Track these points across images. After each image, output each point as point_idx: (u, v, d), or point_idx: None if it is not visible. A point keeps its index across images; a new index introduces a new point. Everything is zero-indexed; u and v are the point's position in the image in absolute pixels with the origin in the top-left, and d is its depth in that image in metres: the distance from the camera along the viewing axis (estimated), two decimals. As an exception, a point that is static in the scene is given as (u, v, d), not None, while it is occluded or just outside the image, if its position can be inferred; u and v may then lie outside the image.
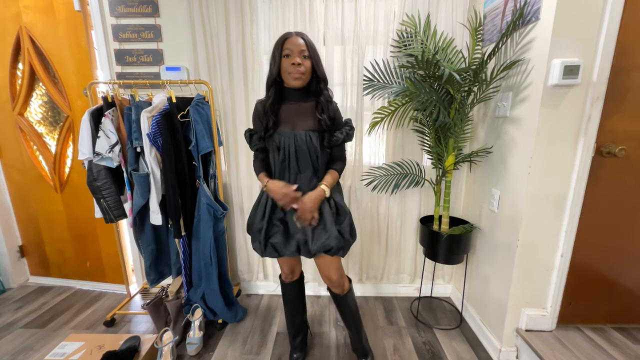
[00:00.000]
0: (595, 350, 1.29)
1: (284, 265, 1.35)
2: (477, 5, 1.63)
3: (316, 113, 1.16)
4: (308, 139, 1.15)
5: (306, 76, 1.13)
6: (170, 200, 1.52)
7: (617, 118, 1.23)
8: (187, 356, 1.51)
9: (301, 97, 1.18)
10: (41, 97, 1.91)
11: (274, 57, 1.13)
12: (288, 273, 1.37)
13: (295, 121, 1.17)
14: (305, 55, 1.10)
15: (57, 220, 2.06)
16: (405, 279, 2.02)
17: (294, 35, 1.11)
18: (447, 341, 1.61)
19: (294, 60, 1.09)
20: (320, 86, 1.16)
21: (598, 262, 1.38)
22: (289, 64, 1.10)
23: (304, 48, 1.10)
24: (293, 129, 1.16)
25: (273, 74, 1.14)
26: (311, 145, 1.15)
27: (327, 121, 1.15)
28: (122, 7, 1.71)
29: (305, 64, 1.10)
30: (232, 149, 1.84)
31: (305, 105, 1.18)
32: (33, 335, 1.66)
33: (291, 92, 1.18)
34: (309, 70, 1.13)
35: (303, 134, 1.14)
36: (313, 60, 1.12)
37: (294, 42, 1.09)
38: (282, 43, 1.11)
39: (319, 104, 1.16)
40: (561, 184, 1.29)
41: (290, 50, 1.09)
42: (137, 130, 1.47)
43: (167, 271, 1.81)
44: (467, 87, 1.42)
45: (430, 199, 1.86)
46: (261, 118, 1.18)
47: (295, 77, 1.11)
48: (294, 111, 1.18)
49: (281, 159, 1.17)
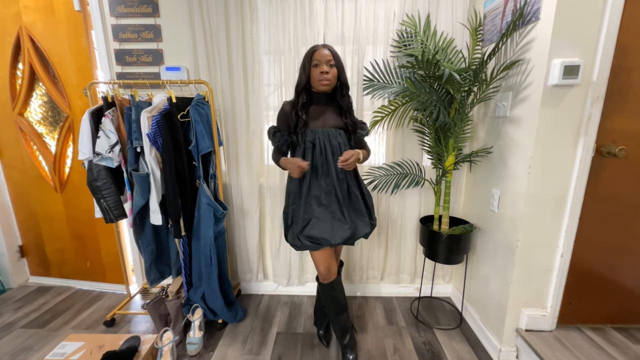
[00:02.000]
0: (595, 350, 1.29)
1: (320, 264, 1.35)
2: (477, 5, 1.63)
3: (342, 116, 1.35)
4: (338, 135, 1.32)
5: (332, 82, 1.28)
6: (170, 200, 1.52)
7: (617, 118, 1.23)
8: (187, 356, 1.51)
9: (327, 100, 1.35)
10: (41, 97, 1.91)
11: (304, 66, 1.28)
12: (325, 273, 1.36)
13: (325, 120, 1.33)
14: (331, 64, 1.26)
15: (57, 220, 2.06)
16: (405, 279, 2.02)
17: (321, 47, 1.27)
18: (447, 341, 1.61)
19: (322, 69, 1.24)
20: (343, 92, 1.33)
21: (598, 262, 1.38)
22: (318, 72, 1.26)
23: (330, 58, 1.26)
24: (324, 126, 1.32)
25: (303, 81, 1.29)
26: (341, 140, 1.33)
27: (350, 124, 1.35)
28: (122, 7, 1.71)
29: (332, 72, 1.26)
30: (232, 149, 1.84)
31: (330, 108, 1.36)
32: (33, 335, 1.66)
33: (318, 96, 1.33)
34: (335, 77, 1.28)
35: (334, 131, 1.32)
36: (338, 68, 1.28)
37: (322, 53, 1.25)
38: (311, 54, 1.27)
39: (342, 108, 1.35)
40: (561, 184, 1.29)
41: (319, 60, 1.25)
42: (137, 130, 1.47)
43: (167, 271, 1.81)
44: (467, 87, 1.42)
45: (430, 199, 1.86)
46: (288, 117, 1.32)
47: (324, 84, 1.27)
48: (322, 111, 1.34)
49: (318, 152, 1.30)
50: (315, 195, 1.30)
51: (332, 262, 1.37)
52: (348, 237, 1.29)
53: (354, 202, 1.35)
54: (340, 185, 1.31)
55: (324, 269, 1.35)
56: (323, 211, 1.30)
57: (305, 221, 1.31)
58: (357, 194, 1.35)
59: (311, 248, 1.30)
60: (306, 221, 1.31)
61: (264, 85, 1.78)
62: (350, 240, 1.33)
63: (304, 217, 1.31)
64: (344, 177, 1.33)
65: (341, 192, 1.31)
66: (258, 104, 1.79)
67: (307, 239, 1.29)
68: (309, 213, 1.31)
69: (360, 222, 1.35)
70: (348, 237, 1.29)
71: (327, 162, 1.30)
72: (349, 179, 1.35)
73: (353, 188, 1.35)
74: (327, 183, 1.30)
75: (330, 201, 1.30)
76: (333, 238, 1.27)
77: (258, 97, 1.78)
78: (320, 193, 1.30)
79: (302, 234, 1.30)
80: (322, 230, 1.28)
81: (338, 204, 1.30)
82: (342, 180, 1.32)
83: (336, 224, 1.29)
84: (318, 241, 1.28)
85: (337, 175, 1.31)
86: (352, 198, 1.35)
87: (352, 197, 1.35)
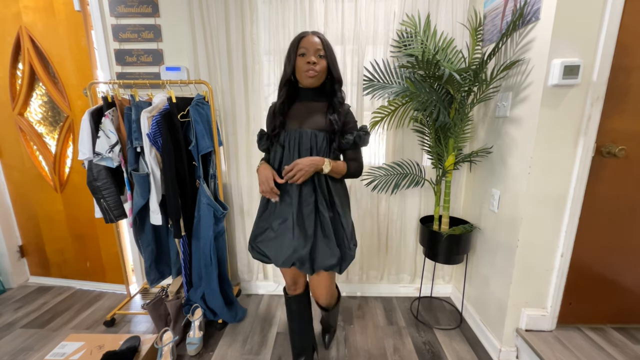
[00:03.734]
0: (595, 350, 1.29)
1: (285, 275, 1.26)
2: (477, 5, 1.63)
3: (327, 113, 1.12)
4: (313, 137, 1.11)
5: (321, 75, 1.10)
6: (170, 200, 1.52)
7: (617, 118, 1.23)
8: (187, 356, 1.51)
9: (314, 96, 1.15)
10: (41, 97, 1.91)
11: (289, 56, 1.10)
12: (290, 284, 1.28)
13: (303, 119, 1.13)
14: (321, 54, 1.08)
15: (57, 220, 2.06)
16: (405, 279, 2.02)
17: (310, 34, 1.08)
18: (447, 341, 1.61)
19: (309, 59, 1.06)
20: (334, 87, 1.13)
21: (598, 262, 1.38)
22: (304, 63, 1.07)
23: (320, 47, 1.07)
24: (300, 127, 1.12)
25: (287, 73, 1.11)
26: (315, 143, 1.11)
27: (337, 122, 1.11)
28: (122, 7, 1.71)
29: (320, 63, 1.08)
30: (232, 149, 1.84)
31: (316, 105, 1.15)
32: (33, 335, 1.66)
33: (305, 92, 1.15)
34: (324, 70, 1.10)
35: (309, 132, 1.10)
36: (329, 60, 1.09)
37: (310, 41, 1.07)
38: (298, 42, 1.08)
39: (331, 104, 1.13)
40: (561, 184, 1.28)
41: (306, 48, 1.07)
42: (137, 130, 1.47)
43: (167, 271, 1.81)
44: (467, 87, 1.42)
45: (430, 199, 1.86)
46: (271, 119, 1.18)
47: (309, 76, 1.07)
48: (304, 109, 1.15)
49: (286, 156, 1.12)
50: (276, 203, 1.14)
51: (299, 274, 1.25)
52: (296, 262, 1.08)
53: (324, 225, 1.10)
54: (303, 199, 1.09)
55: (289, 279, 1.26)
56: (277, 225, 1.12)
57: (259, 230, 1.17)
58: (326, 216, 1.09)
59: (260, 260, 1.18)
60: (260, 230, 1.17)
61: (264, 85, 1.78)
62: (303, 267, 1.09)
63: (260, 224, 1.17)
64: (311, 192, 1.10)
65: (300, 208, 1.09)
66: (258, 104, 1.79)
67: (258, 252, 1.16)
68: (265, 221, 1.16)
69: (324, 249, 1.09)
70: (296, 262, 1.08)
71: None
72: (318, 195, 1.11)
73: (322, 207, 1.10)
74: (289, 193, 1.11)
75: (286, 215, 1.11)
76: (276, 258, 1.11)
77: (258, 97, 1.78)
78: (280, 203, 1.12)
79: (255, 242, 1.17)
80: (269, 246, 1.13)
81: (293, 221, 1.09)
82: (308, 194, 1.10)
83: (285, 243, 1.09)
84: (267, 257, 1.15)
85: (302, 187, 1.09)
86: (320, 219, 1.11)
87: (321, 219, 1.10)
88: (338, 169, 1.13)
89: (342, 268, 1.12)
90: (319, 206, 1.10)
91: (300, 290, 1.30)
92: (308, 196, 1.10)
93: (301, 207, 1.10)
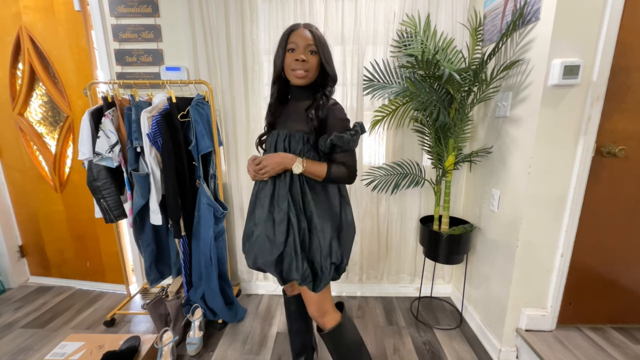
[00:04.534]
0: (595, 350, 1.29)
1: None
2: (477, 5, 1.63)
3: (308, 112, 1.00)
4: (286, 140, 1.00)
5: (311, 74, 0.99)
6: (170, 200, 1.52)
7: (617, 118, 1.23)
8: (187, 356, 1.51)
9: (305, 95, 1.04)
10: (41, 97, 1.91)
11: (278, 51, 1.00)
12: (287, 285, 1.24)
13: (288, 120, 1.05)
14: (312, 50, 0.96)
15: (57, 220, 2.06)
16: (405, 279, 2.02)
17: (301, 27, 0.97)
18: (447, 341, 1.61)
19: (298, 56, 0.95)
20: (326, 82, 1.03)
21: (598, 262, 1.38)
22: (292, 60, 0.96)
23: (311, 42, 0.96)
24: (283, 128, 1.04)
25: (277, 70, 1.02)
26: (288, 145, 1.00)
27: (315, 121, 0.97)
28: (122, 7, 1.71)
29: (311, 61, 0.97)
30: (232, 149, 1.84)
31: (302, 104, 1.03)
32: (33, 335, 1.66)
33: (295, 90, 1.06)
34: (315, 68, 0.98)
35: (283, 134, 1.01)
36: (322, 57, 0.98)
37: (301, 35, 0.96)
38: (287, 36, 0.98)
39: (314, 101, 1.01)
40: (561, 184, 1.28)
41: (296, 44, 0.96)
42: (137, 130, 1.47)
43: (167, 271, 1.81)
44: (467, 87, 1.42)
45: (430, 199, 1.86)
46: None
47: (298, 76, 0.97)
48: (292, 110, 1.06)
49: None
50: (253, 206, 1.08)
51: None
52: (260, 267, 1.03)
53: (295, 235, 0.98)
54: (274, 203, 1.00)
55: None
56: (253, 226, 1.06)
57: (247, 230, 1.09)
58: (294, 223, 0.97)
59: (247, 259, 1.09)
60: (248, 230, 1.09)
61: (264, 85, 1.78)
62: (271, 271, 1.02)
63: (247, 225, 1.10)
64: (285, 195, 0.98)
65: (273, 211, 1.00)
66: (258, 104, 1.79)
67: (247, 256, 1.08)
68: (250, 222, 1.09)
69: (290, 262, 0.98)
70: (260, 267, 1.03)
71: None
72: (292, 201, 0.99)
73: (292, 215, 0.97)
74: (262, 196, 1.03)
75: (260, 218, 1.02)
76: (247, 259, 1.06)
77: (258, 97, 1.78)
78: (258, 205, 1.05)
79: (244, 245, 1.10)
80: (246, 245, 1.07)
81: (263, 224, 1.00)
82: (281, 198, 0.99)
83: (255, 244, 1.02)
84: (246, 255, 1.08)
85: (275, 191, 1.00)
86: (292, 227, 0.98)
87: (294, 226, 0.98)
88: (313, 171, 0.97)
89: (314, 286, 1.00)
90: (289, 213, 0.98)
91: (298, 291, 1.27)
92: (281, 201, 0.99)
93: (272, 211, 1.00)
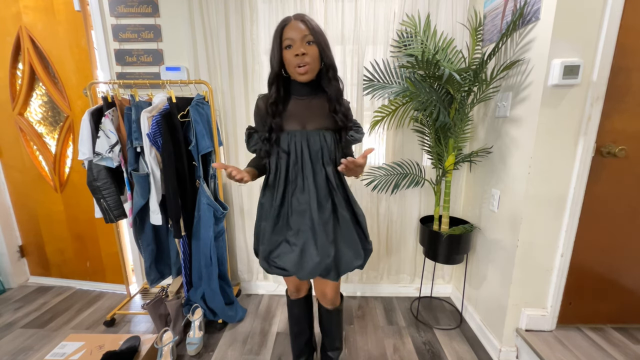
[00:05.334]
0: (595, 350, 1.29)
1: (289, 282, 1.24)
2: (477, 5, 1.63)
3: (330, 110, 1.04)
4: (322, 139, 1.01)
5: (313, 66, 0.97)
6: (170, 200, 1.52)
7: (617, 118, 1.23)
8: (187, 356, 1.51)
9: (310, 91, 1.04)
10: (41, 97, 1.91)
11: (273, 50, 0.98)
12: (293, 291, 1.26)
13: (305, 119, 1.03)
14: (309, 41, 0.94)
15: (57, 220, 2.06)
16: (405, 279, 2.02)
17: (292, 20, 0.95)
18: (447, 341, 1.61)
19: (297, 50, 0.93)
20: (329, 75, 1.01)
21: (598, 262, 1.38)
22: (292, 56, 0.94)
23: (307, 33, 0.94)
24: (303, 128, 1.03)
25: (274, 69, 0.99)
26: (325, 144, 1.02)
27: (342, 119, 1.03)
28: (122, 7, 1.71)
29: (311, 52, 0.95)
30: (232, 149, 1.84)
31: (316, 101, 1.04)
32: (33, 335, 1.66)
33: (298, 86, 1.03)
34: (317, 59, 0.97)
35: (316, 133, 1.01)
36: (319, 46, 0.96)
37: (295, 28, 0.93)
38: (280, 31, 0.95)
39: (330, 99, 1.03)
40: (561, 184, 1.28)
41: (292, 39, 0.94)
42: (137, 130, 1.47)
43: (167, 271, 1.81)
44: (467, 87, 1.42)
45: (430, 199, 1.86)
46: (263, 117, 1.05)
47: (301, 72, 0.96)
48: (304, 107, 1.04)
49: (292, 162, 1.02)
50: (287, 214, 1.05)
51: (303, 283, 1.24)
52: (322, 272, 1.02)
53: (343, 227, 1.05)
54: (319, 204, 1.02)
55: (293, 287, 1.24)
56: (292, 237, 1.04)
57: (273, 244, 1.07)
58: (346, 216, 1.05)
59: (280, 274, 1.08)
60: (274, 244, 1.07)
61: (264, 86, 1.77)
62: (328, 275, 1.03)
63: (272, 239, 1.07)
64: (327, 194, 1.03)
65: (320, 213, 1.02)
66: (258, 104, 1.79)
67: (276, 267, 1.07)
68: (278, 235, 1.06)
69: (348, 253, 1.06)
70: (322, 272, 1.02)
71: (303, 175, 1.02)
72: (335, 197, 1.05)
73: (341, 208, 1.05)
74: (301, 201, 1.02)
75: (303, 225, 1.02)
76: (300, 272, 1.02)
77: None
78: (292, 213, 1.04)
79: (270, 258, 1.07)
80: (287, 260, 1.04)
81: (312, 230, 1.01)
82: (324, 198, 1.03)
83: (307, 254, 1.02)
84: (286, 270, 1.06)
85: (318, 192, 1.02)
86: (339, 221, 1.06)
87: (340, 220, 1.05)
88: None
89: (363, 265, 1.11)
90: (339, 208, 1.05)
91: (303, 294, 1.29)
92: (325, 201, 1.03)
93: (321, 213, 1.02)
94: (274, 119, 1.02)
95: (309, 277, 1.03)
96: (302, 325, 1.34)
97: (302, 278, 1.04)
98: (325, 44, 0.98)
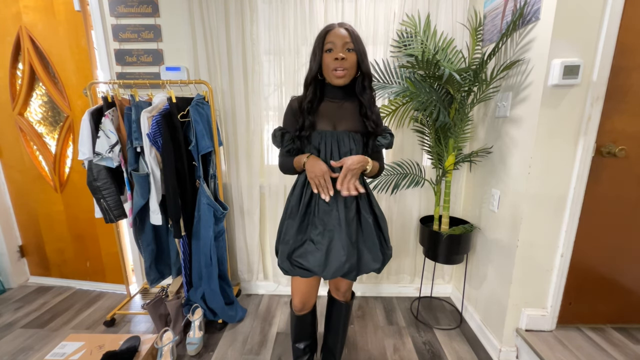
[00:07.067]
0: (595, 350, 1.29)
1: (296, 294, 1.19)
2: (477, 5, 1.63)
3: (360, 115, 1.07)
4: (352, 139, 1.05)
5: (350, 72, 1.02)
6: (170, 200, 1.52)
7: (617, 118, 1.23)
8: (187, 356, 1.51)
9: (343, 95, 1.08)
10: (41, 97, 1.91)
11: (315, 52, 1.02)
12: (299, 306, 1.19)
13: (335, 120, 1.07)
14: (349, 48, 0.99)
15: (57, 220, 2.06)
16: (405, 279, 2.02)
17: (336, 27, 1.00)
18: (447, 341, 1.61)
19: (337, 54, 0.97)
20: (364, 84, 1.05)
21: (598, 262, 1.38)
22: (331, 59, 0.99)
23: (349, 40, 0.98)
24: (334, 129, 1.06)
25: (313, 71, 1.03)
26: (354, 147, 1.06)
27: (372, 125, 1.06)
28: (122, 7, 1.71)
29: (349, 59, 0.99)
30: (232, 149, 1.84)
31: (347, 105, 1.08)
32: (33, 335, 1.66)
33: (332, 90, 1.08)
34: (354, 66, 1.01)
35: (346, 134, 1.05)
36: (358, 54, 1.01)
37: (337, 34, 0.98)
38: (324, 36, 1.00)
39: (362, 105, 1.07)
40: (561, 184, 1.29)
41: (333, 43, 0.98)
42: (137, 130, 1.47)
43: (167, 271, 1.81)
44: (467, 87, 1.42)
45: (430, 199, 1.86)
46: (296, 116, 1.08)
47: (338, 75, 1.00)
48: (335, 109, 1.08)
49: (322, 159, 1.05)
50: (313, 213, 1.07)
51: (311, 295, 1.19)
52: (345, 272, 1.04)
53: (365, 229, 1.08)
54: (346, 205, 1.05)
55: (299, 301, 1.18)
56: (318, 235, 1.05)
57: (297, 242, 1.07)
58: (368, 220, 1.08)
59: (302, 275, 1.08)
60: (299, 243, 1.07)
61: (264, 86, 1.78)
62: (348, 275, 1.06)
63: (297, 237, 1.07)
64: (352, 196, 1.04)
65: (346, 213, 1.04)
66: (258, 104, 1.79)
67: (297, 266, 1.07)
68: (303, 234, 1.08)
69: (368, 255, 1.08)
70: (345, 272, 1.04)
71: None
72: (360, 199, 1.08)
73: (364, 211, 1.08)
74: (329, 201, 1.04)
75: (329, 224, 1.04)
76: (325, 271, 1.03)
77: (258, 97, 1.78)
78: (318, 212, 1.06)
79: (292, 257, 1.07)
80: (312, 259, 1.04)
81: (338, 229, 1.03)
82: (349, 200, 1.06)
83: (333, 254, 1.03)
84: (309, 270, 1.06)
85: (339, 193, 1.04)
86: (362, 223, 1.08)
87: (362, 222, 1.08)
88: (375, 169, 1.12)
89: (381, 268, 1.13)
90: (362, 211, 1.08)
91: (308, 310, 1.23)
92: (350, 202, 1.06)
93: (347, 212, 1.05)
94: (308, 115, 1.05)
95: (333, 277, 1.04)
96: (304, 335, 1.30)
97: (326, 277, 1.05)
98: (364, 53, 1.03)
